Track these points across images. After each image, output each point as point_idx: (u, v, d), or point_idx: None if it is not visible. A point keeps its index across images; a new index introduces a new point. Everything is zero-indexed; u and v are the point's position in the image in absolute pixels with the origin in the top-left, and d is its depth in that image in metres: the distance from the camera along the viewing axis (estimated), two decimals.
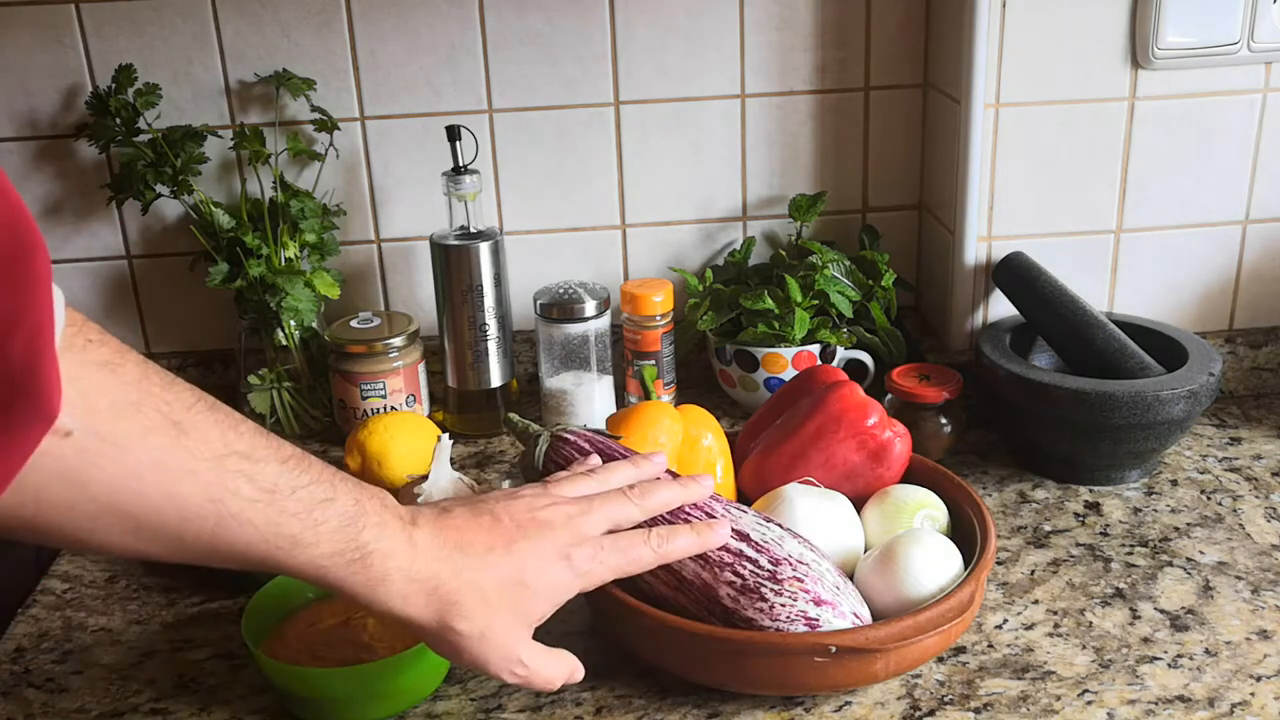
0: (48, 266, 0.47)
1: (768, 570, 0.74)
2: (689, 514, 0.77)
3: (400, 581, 0.64)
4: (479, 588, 0.66)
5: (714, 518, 0.77)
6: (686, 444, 0.92)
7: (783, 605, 0.73)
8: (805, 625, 0.73)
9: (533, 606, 0.68)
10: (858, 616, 0.75)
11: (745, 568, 0.75)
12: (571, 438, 0.82)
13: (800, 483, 0.87)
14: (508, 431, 1.13)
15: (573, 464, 0.81)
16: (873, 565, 0.80)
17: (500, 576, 0.67)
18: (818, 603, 0.74)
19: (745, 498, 0.92)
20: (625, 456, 0.81)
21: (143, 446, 0.54)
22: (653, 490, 0.76)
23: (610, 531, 0.73)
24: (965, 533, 0.84)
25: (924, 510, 0.86)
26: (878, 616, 0.77)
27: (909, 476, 0.91)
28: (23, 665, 0.84)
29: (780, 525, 0.79)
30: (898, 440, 0.89)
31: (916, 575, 0.78)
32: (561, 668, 0.71)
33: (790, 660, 0.73)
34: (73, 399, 0.50)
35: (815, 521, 0.83)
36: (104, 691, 0.81)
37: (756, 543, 0.76)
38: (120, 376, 0.54)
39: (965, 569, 0.80)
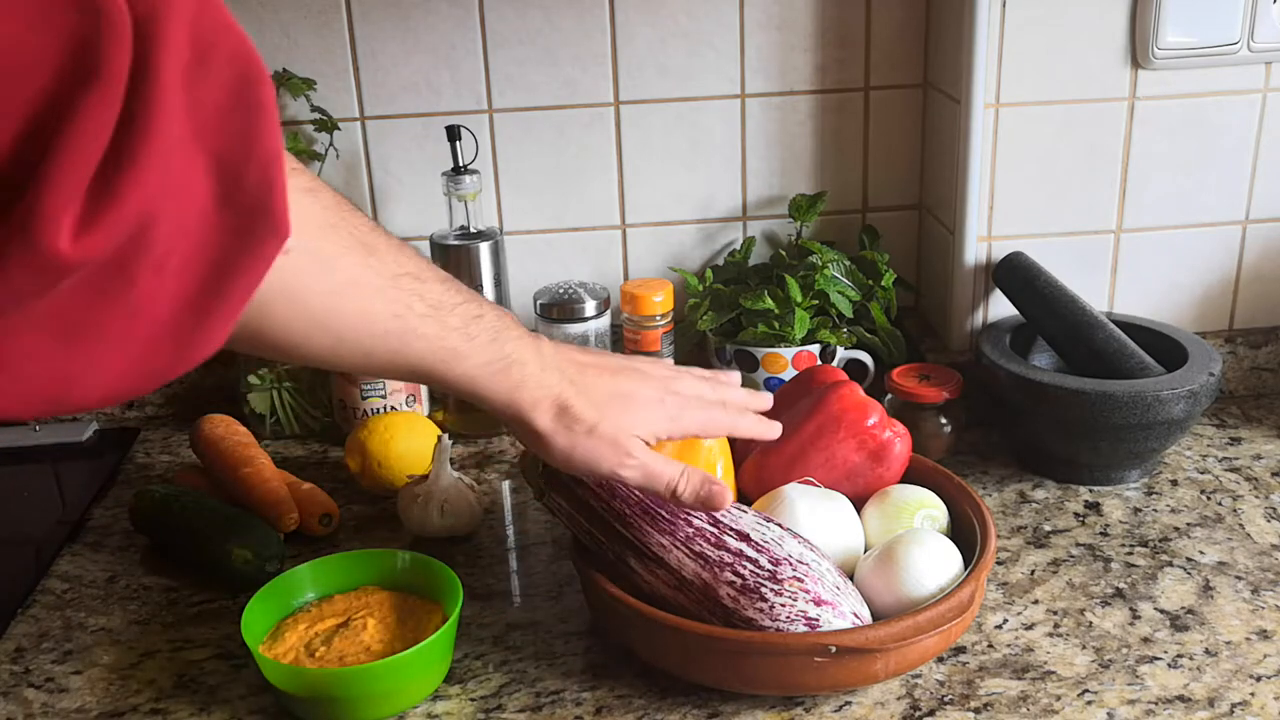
0: (273, 93, 0.50)
1: (768, 570, 0.74)
2: (699, 527, 0.77)
3: (532, 387, 0.70)
4: (589, 396, 0.72)
5: (720, 526, 0.77)
6: (686, 443, 0.92)
7: (783, 605, 0.73)
8: (805, 625, 0.73)
9: (634, 420, 0.73)
10: (858, 616, 0.75)
11: (745, 567, 0.75)
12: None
13: (800, 483, 0.87)
14: (508, 431, 1.13)
15: None
16: (873, 565, 0.80)
17: (606, 391, 0.74)
18: (818, 603, 0.74)
19: (745, 498, 0.92)
20: None
21: (343, 264, 0.59)
22: (724, 384, 0.82)
23: None
24: (965, 533, 0.84)
25: (924, 510, 0.86)
26: (878, 616, 0.77)
27: (909, 476, 0.91)
28: (23, 665, 0.84)
29: (780, 525, 0.79)
30: (898, 440, 0.89)
31: (916, 575, 0.78)
32: (675, 466, 0.75)
33: (790, 660, 0.73)
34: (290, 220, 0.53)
35: (815, 521, 0.83)
36: (104, 691, 0.81)
37: (756, 543, 0.76)
38: (320, 201, 0.58)
39: (965, 569, 0.80)
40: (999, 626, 0.84)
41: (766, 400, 0.83)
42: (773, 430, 0.82)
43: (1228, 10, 1.04)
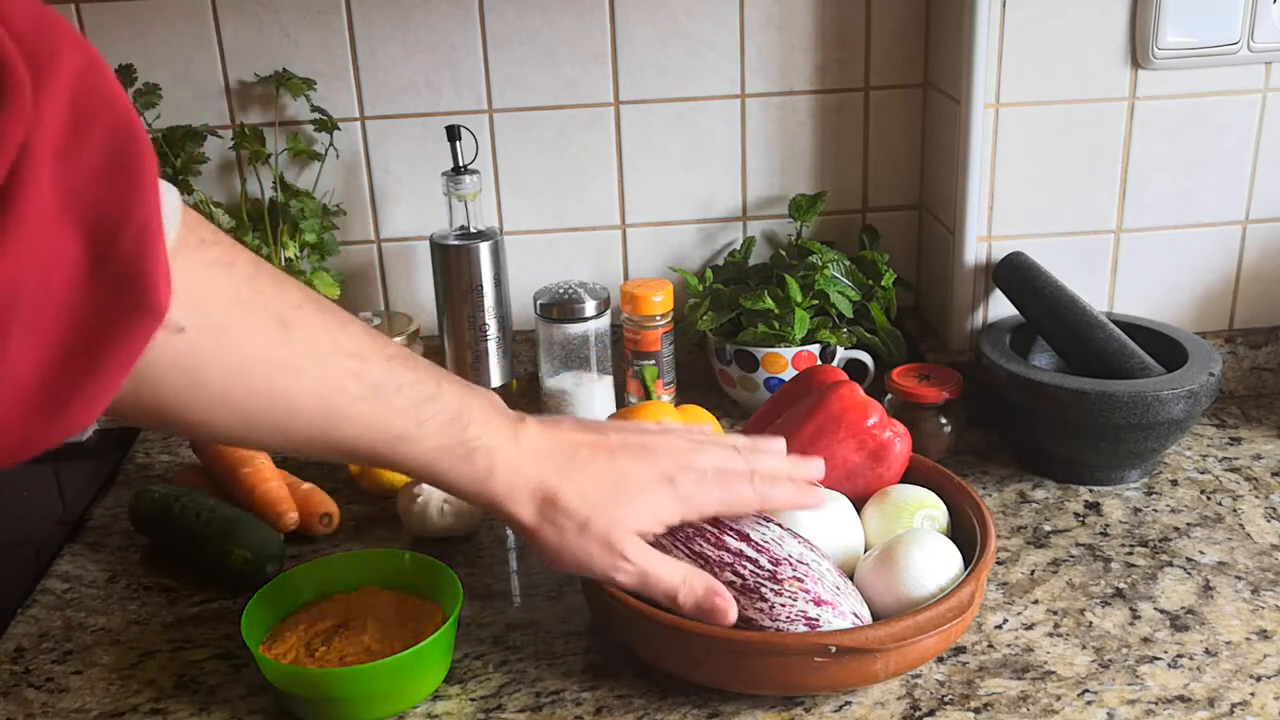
0: (154, 165, 0.49)
1: (768, 570, 0.74)
2: (699, 527, 0.77)
3: (506, 475, 0.66)
4: (579, 487, 0.68)
5: (720, 526, 0.77)
6: None
7: (783, 605, 0.73)
8: (805, 625, 0.73)
9: (632, 512, 0.69)
10: (858, 616, 0.75)
11: (745, 567, 0.75)
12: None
13: None
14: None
15: None
16: (873, 565, 0.80)
17: (600, 479, 0.68)
18: (818, 603, 0.74)
19: None
20: None
21: (251, 343, 0.56)
22: (761, 451, 0.77)
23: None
24: (965, 533, 0.84)
25: (924, 510, 0.86)
26: (878, 616, 0.77)
27: (909, 476, 0.91)
28: (23, 665, 0.84)
29: (780, 525, 0.79)
30: (898, 440, 0.89)
31: (916, 575, 0.78)
32: (676, 571, 0.70)
33: (790, 660, 0.73)
34: (186, 296, 0.51)
35: (815, 521, 0.83)
36: (104, 691, 0.81)
37: (756, 543, 0.76)
38: (232, 275, 0.56)
39: (965, 569, 0.80)
40: (999, 626, 0.84)
41: (813, 467, 0.78)
42: (814, 500, 0.77)
43: (1228, 10, 1.04)
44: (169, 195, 0.52)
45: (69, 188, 0.46)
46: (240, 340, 0.56)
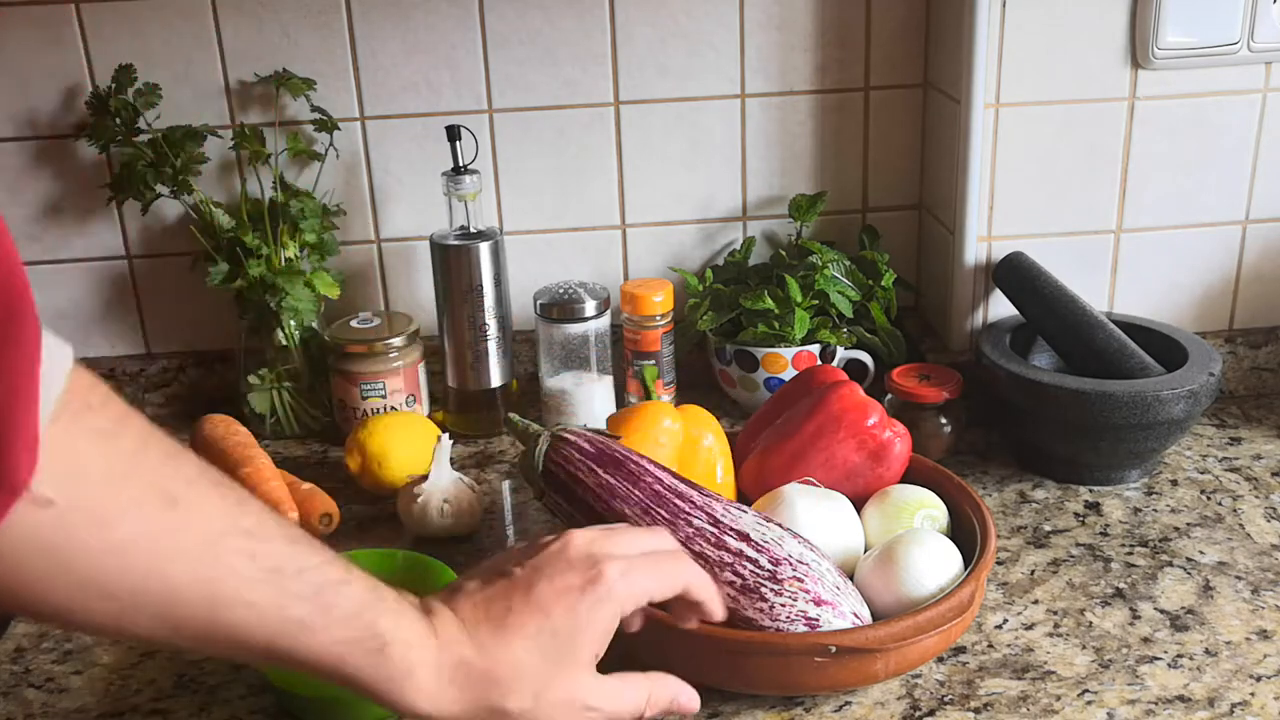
0: (35, 333, 0.46)
1: (768, 570, 0.74)
2: (699, 527, 0.77)
3: (427, 675, 0.59)
4: (513, 658, 0.61)
5: (720, 526, 0.77)
6: (686, 444, 0.92)
7: (783, 605, 0.73)
8: (805, 625, 0.73)
9: (575, 650, 0.62)
10: (857, 616, 0.75)
11: (745, 567, 0.75)
12: (571, 438, 0.82)
13: (800, 483, 0.87)
14: (508, 431, 1.13)
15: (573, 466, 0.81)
16: (873, 565, 0.80)
17: (529, 635, 0.61)
18: (818, 603, 0.74)
19: (745, 498, 0.92)
20: (625, 456, 0.80)
21: (129, 520, 0.50)
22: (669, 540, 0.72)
23: None
24: (965, 533, 0.84)
25: (924, 510, 0.86)
26: (878, 616, 0.77)
27: (909, 476, 0.91)
28: (23, 665, 0.84)
29: (780, 525, 0.78)
30: (898, 440, 0.89)
31: (916, 575, 0.78)
32: (638, 692, 0.66)
33: (790, 660, 0.73)
34: (58, 468, 0.47)
35: (815, 521, 0.83)
36: (104, 691, 0.81)
37: (756, 543, 0.76)
38: (115, 445, 0.51)
39: (965, 569, 0.80)
40: (999, 626, 0.84)
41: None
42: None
43: (1228, 10, 1.04)
44: (58, 355, 0.48)
45: None
46: (117, 517, 0.50)
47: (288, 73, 1.14)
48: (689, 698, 0.68)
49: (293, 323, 1.14)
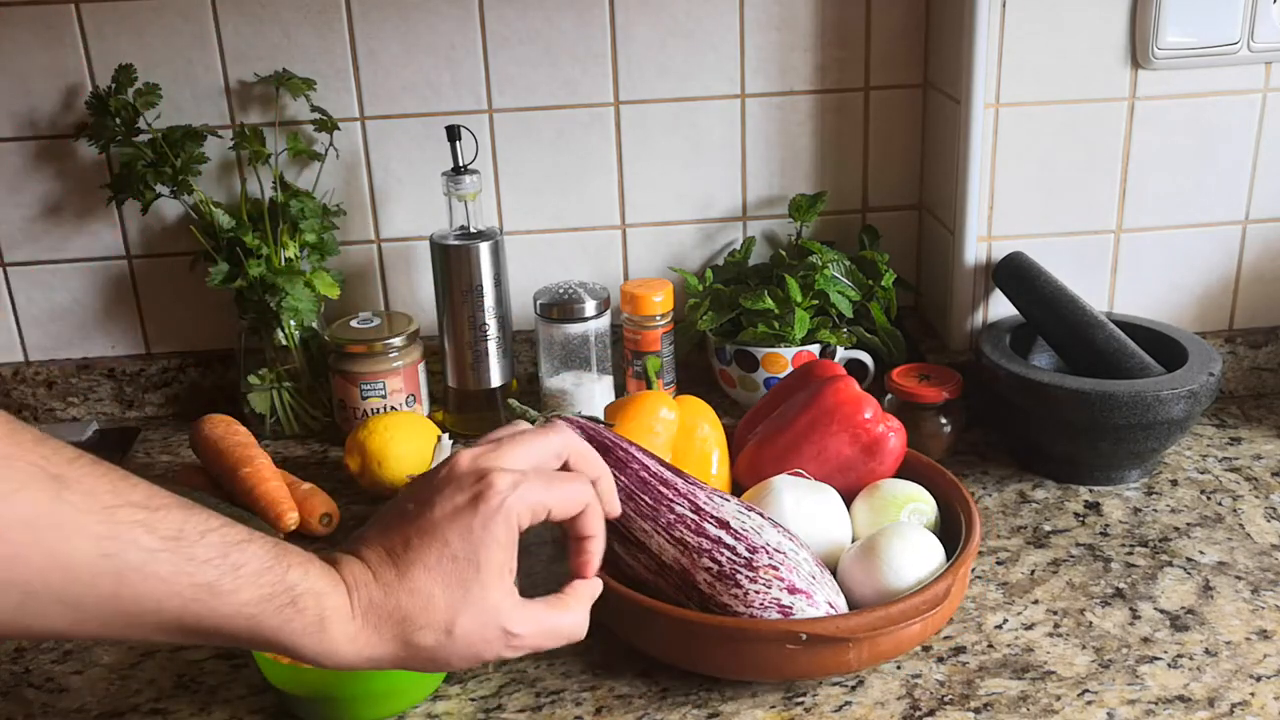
0: None
1: (744, 558, 0.75)
2: (680, 514, 0.77)
3: (342, 620, 0.58)
4: (418, 590, 0.60)
5: (702, 513, 0.77)
6: (683, 433, 0.92)
7: (757, 592, 0.74)
8: (779, 613, 0.74)
9: (480, 571, 0.60)
10: (832, 606, 0.76)
11: (723, 554, 0.75)
12: (565, 424, 0.83)
13: (790, 474, 0.87)
14: (507, 418, 1.14)
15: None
16: (854, 557, 0.81)
17: (429, 565, 0.60)
18: (792, 591, 0.74)
19: (741, 488, 0.92)
20: (614, 443, 0.81)
21: (17, 502, 0.49)
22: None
23: None
24: (956, 529, 0.85)
25: (912, 504, 0.86)
26: (858, 608, 0.78)
27: (903, 472, 0.91)
28: (23, 665, 0.84)
29: (762, 515, 0.79)
30: (892, 435, 0.89)
31: (896, 567, 0.78)
32: (565, 618, 0.64)
33: (762, 647, 0.74)
34: None
35: (801, 513, 0.83)
36: (104, 691, 0.81)
37: (735, 530, 0.76)
38: None
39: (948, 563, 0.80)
40: (999, 626, 0.84)
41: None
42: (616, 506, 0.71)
43: (1228, 10, 1.04)
44: None
45: None
46: (2, 500, 0.48)
47: (288, 73, 1.14)
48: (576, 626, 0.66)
49: (293, 323, 1.14)
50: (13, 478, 0.49)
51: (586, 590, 0.67)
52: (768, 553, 0.75)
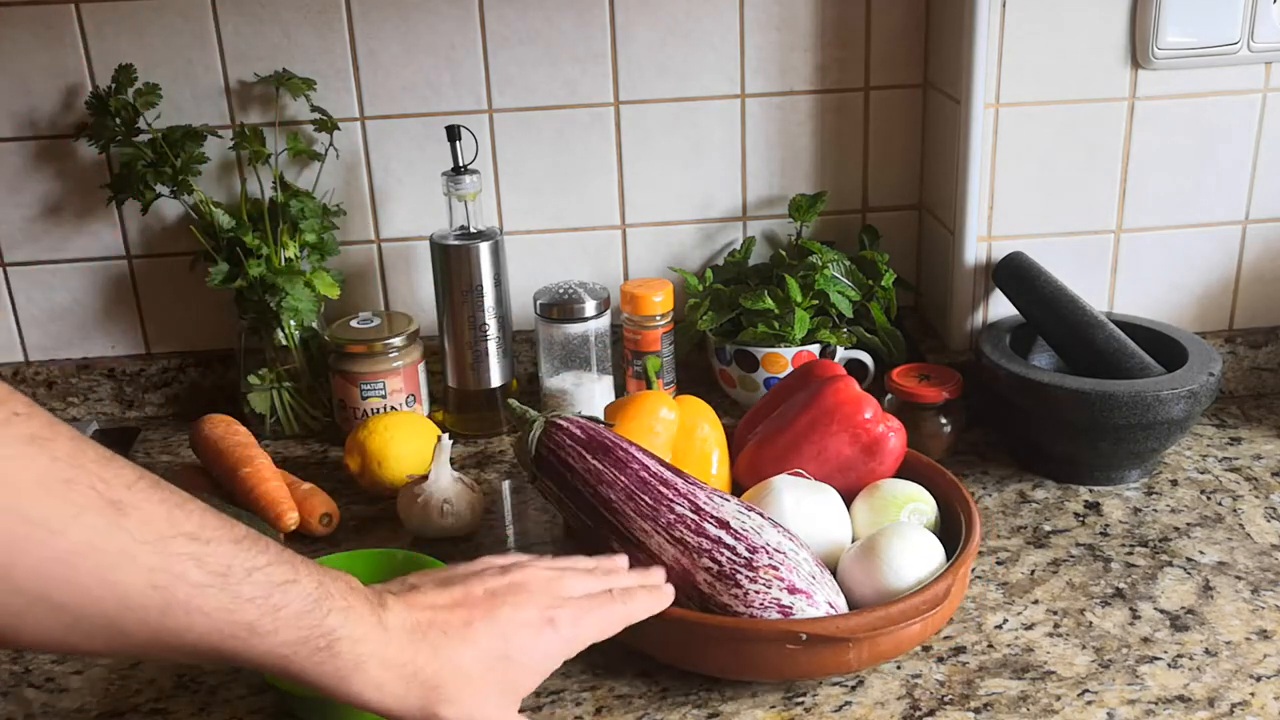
0: None
1: (744, 558, 0.75)
2: (680, 514, 0.77)
3: (375, 669, 0.59)
4: (461, 668, 0.62)
5: (702, 513, 0.77)
6: (683, 433, 0.93)
7: (757, 592, 0.74)
8: (779, 613, 0.74)
9: (520, 680, 0.65)
10: (832, 606, 0.76)
11: (723, 554, 0.75)
12: (566, 424, 0.83)
13: (790, 474, 0.87)
14: (507, 418, 1.14)
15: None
16: (854, 557, 0.81)
17: (483, 652, 0.63)
18: (792, 591, 0.74)
19: (741, 488, 0.92)
20: (615, 443, 0.81)
21: (76, 528, 0.49)
22: (612, 570, 0.75)
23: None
24: (956, 529, 0.85)
25: (912, 504, 0.86)
26: (858, 608, 0.78)
27: (903, 472, 0.91)
28: (23, 665, 0.84)
29: (762, 515, 0.79)
30: (892, 435, 0.89)
31: (896, 567, 0.78)
32: None
33: (762, 647, 0.74)
34: None
35: (801, 513, 0.83)
36: (104, 691, 0.81)
37: (735, 530, 0.76)
38: (50, 452, 0.49)
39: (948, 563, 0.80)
40: (999, 626, 0.84)
41: (656, 575, 0.76)
42: (667, 598, 0.74)
43: (1228, 10, 1.04)
44: None
45: None
46: (60, 524, 0.49)
47: (288, 73, 1.14)
48: None
49: (293, 323, 1.14)
50: (74, 502, 0.49)
51: None
52: (768, 553, 0.75)
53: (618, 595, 0.71)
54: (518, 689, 0.65)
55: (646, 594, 0.73)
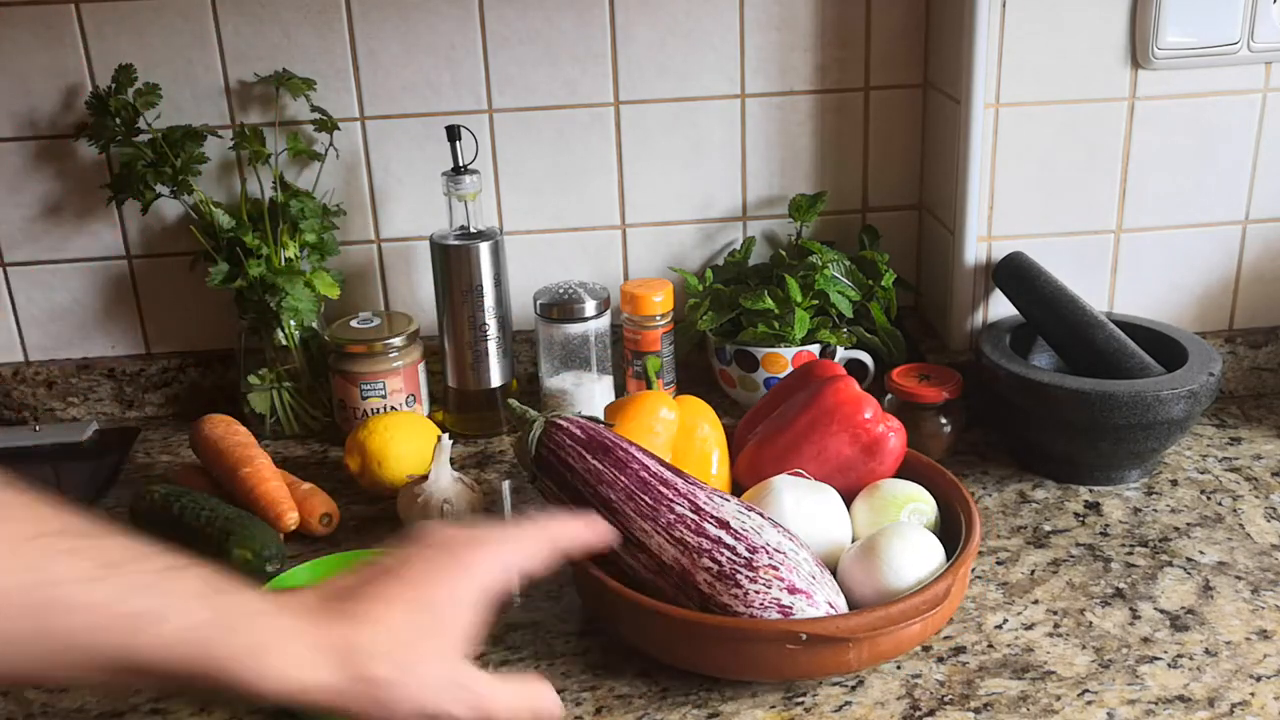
0: None
1: (744, 558, 0.75)
2: (680, 514, 0.77)
3: (289, 642, 0.54)
4: (383, 623, 0.56)
5: (701, 514, 0.77)
6: (682, 433, 0.93)
7: (757, 592, 0.74)
8: (779, 613, 0.74)
9: (447, 627, 0.58)
10: (832, 606, 0.75)
11: (723, 554, 0.75)
12: (565, 424, 0.83)
13: (790, 474, 0.87)
14: (507, 418, 1.14)
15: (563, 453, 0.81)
16: (854, 557, 0.81)
17: (406, 607, 0.57)
18: (792, 591, 0.74)
19: (741, 488, 0.92)
20: (614, 443, 0.82)
21: None
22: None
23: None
24: (956, 529, 0.85)
25: (912, 504, 0.86)
26: (858, 608, 0.78)
27: (903, 472, 0.91)
28: None
29: (762, 515, 0.79)
30: (892, 435, 0.89)
31: (896, 567, 0.78)
32: (523, 693, 0.60)
33: (762, 647, 0.74)
34: None
35: (801, 513, 0.83)
36: (104, 692, 0.80)
37: (735, 530, 0.76)
38: None
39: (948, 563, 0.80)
40: (999, 626, 0.84)
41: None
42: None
43: (1228, 10, 1.04)
44: None
45: None
46: None
47: (288, 73, 1.14)
48: (551, 704, 0.63)
49: (293, 323, 1.14)
50: None
51: (537, 688, 0.63)
52: (768, 553, 0.75)
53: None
54: (449, 635, 0.58)
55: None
